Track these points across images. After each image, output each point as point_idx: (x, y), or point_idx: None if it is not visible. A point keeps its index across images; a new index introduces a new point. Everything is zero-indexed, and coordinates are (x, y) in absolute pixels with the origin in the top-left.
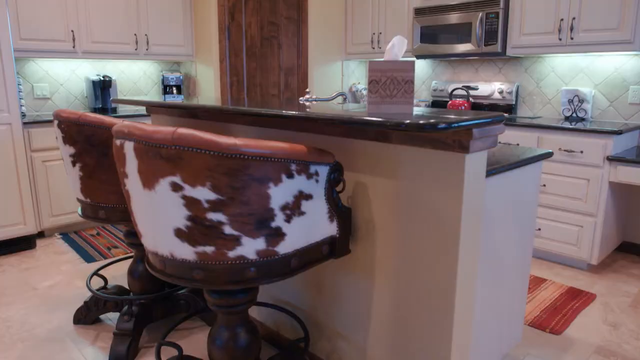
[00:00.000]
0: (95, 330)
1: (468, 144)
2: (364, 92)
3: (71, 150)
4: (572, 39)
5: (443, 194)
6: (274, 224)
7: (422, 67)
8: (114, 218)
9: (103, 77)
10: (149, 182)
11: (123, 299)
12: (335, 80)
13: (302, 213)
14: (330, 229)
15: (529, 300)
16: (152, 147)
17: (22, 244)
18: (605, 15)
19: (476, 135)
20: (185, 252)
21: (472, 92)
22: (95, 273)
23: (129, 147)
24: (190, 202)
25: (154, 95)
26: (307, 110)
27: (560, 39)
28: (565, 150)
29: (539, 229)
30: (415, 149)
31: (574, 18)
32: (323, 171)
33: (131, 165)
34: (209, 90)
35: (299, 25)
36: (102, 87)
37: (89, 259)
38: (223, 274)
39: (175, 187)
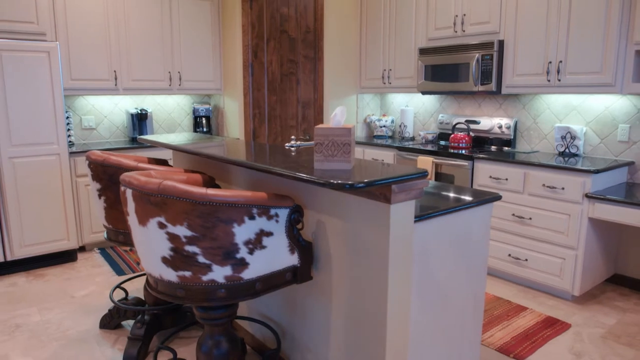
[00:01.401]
0: (116, 335)
1: (390, 197)
2: (378, 123)
3: (98, 185)
4: (559, 80)
5: (376, 235)
6: (238, 256)
7: (430, 101)
8: (129, 242)
9: (140, 110)
10: (142, 220)
11: (138, 309)
12: (351, 112)
13: (264, 247)
14: (291, 259)
15: (505, 326)
16: (144, 195)
17: (65, 257)
18: (590, 59)
19: (396, 190)
20: (170, 275)
21: (474, 126)
22: (118, 286)
23: (129, 193)
24: (172, 237)
25: (185, 125)
26: (267, 162)
27: (549, 80)
28: (548, 187)
29: (526, 260)
30: (357, 198)
31: (560, 61)
32: (283, 213)
33: (131, 206)
34: (234, 121)
35: (316, 63)
36: (139, 119)
37: (120, 272)
38: (199, 293)
39: (161, 225)
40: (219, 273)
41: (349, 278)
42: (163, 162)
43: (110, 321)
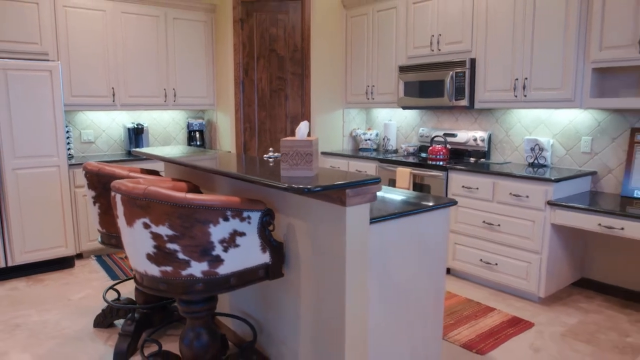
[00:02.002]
0: (109, 333)
1: (345, 200)
2: (363, 137)
3: (93, 193)
4: (525, 95)
5: (335, 235)
6: (214, 253)
7: (412, 115)
8: (121, 245)
9: (137, 124)
10: (130, 221)
11: (128, 307)
12: (337, 126)
13: (237, 245)
14: (263, 257)
15: (472, 325)
16: (131, 199)
17: (64, 263)
18: (552, 76)
19: (350, 194)
20: (154, 270)
21: (451, 139)
22: (111, 287)
23: (118, 198)
24: (156, 236)
25: (180, 139)
26: (242, 171)
27: (516, 96)
28: (514, 195)
29: (496, 264)
30: (319, 202)
31: (526, 78)
32: (255, 215)
33: (120, 210)
34: (226, 135)
35: (303, 80)
36: (136, 133)
37: (114, 277)
38: (179, 286)
39: (146, 226)
40: (197, 268)
41: (315, 275)
42: (154, 173)
43: (103, 320)
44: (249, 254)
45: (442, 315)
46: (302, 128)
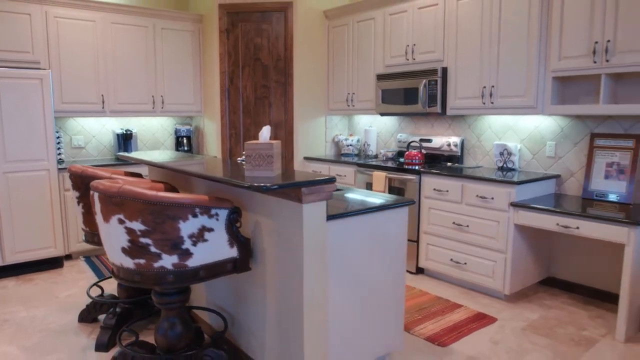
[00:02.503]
0: (92, 327)
1: (301, 198)
2: (345, 142)
3: (77, 193)
4: (492, 103)
5: (294, 231)
6: (184, 247)
7: (391, 122)
8: (101, 242)
9: (125, 130)
10: (106, 218)
11: (110, 302)
12: (320, 132)
13: (206, 240)
14: (231, 252)
15: (438, 321)
16: (107, 197)
17: (53, 263)
18: (516, 84)
19: (305, 192)
20: (128, 263)
21: (427, 144)
22: (95, 284)
23: (96, 196)
24: (130, 231)
25: (168, 145)
26: (211, 173)
27: (484, 103)
28: (481, 197)
29: (465, 263)
30: (280, 200)
31: (493, 86)
32: (223, 213)
33: (97, 207)
34: (213, 140)
35: (286, 88)
36: (125, 139)
37: (101, 277)
38: (151, 278)
39: (121, 221)
40: (168, 261)
41: (278, 269)
42: (137, 175)
43: (87, 315)
44: (217, 248)
45: (403, 307)
46: (265, 132)
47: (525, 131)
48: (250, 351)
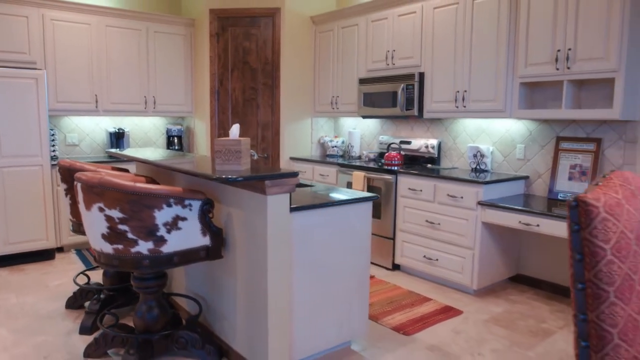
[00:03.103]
0: (78, 313)
1: (265, 190)
2: (330, 144)
3: (65, 186)
4: (465, 106)
5: (259, 221)
6: (159, 234)
7: (373, 124)
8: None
9: (118, 129)
10: (88, 206)
11: (95, 289)
12: (306, 134)
13: (179, 228)
14: (204, 240)
15: (406, 312)
16: (89, 187)
17: (45, 255)
18: (486, 89)
19: (269, 184)
20: (108, 248)
21: (407, 146)
22: (82, 273)
23: (79, 186)
24: (109, 218)
25: (160, 143)
26: (183, 166)
27: (457, 107)
28: (451, 196)
29: (437, 260)
30: (249, 192)
31: (465, 91)
32: (196, 203)
33: (80, 196)
34: (202, 140)
35: (273, 90)
36: (117, 137)
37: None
38: (129, 262)
39: (101, 210)
40: (144, 247)
41: (247, 257)
42: (125, 171)
43: (74, 302)
44: (190, 236)
45: (368, 297)
46: (234, 130)
47: (497, 134)
48: (223, 335)
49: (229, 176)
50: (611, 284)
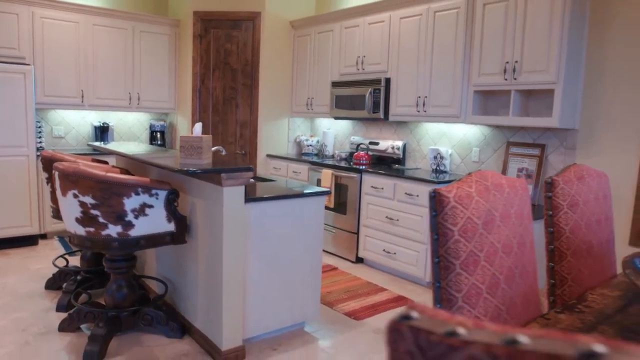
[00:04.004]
0: (56, 293)
1: (221, 182)
2: (306, 143)
3: (46, 175)
4: (425, 111)
5: (217, 210)
6: (127, 219)
7: (346, 125)
8: None
9: (103, 123)
10: (64, 193)
11: (73, 271)
12: (284, 133)
13: (146, 215)
14: (169, 226)
15: (361, 300)
16: (65, 175)
17: (29, 241)
18: (444, 96)
19: (225, 177)
20: (81, 231)
21: (375, 147)
22: (61, 256)
23: (57, 174)
24: (82, 204)
25: (143, 138)
26: (151, 159)
27: (418, 111)
28: (408, 194)
29: (395, 253)
30: (208, 184)
31: (426, 96)
32: (162, 193)
33: (57, 184)
34: None
35: (252, 90)
36: (102, 131)
37: (72, 254)
38: (100, 244)
39: (75, 196)
40: (113, 230)
41: (207, 243)
42: (104, 162)
43: (53, 283)
44: (156, 222)
45: (320, 283)
46: (197, 128)
47: (456, 138)
48: (187, 314)
49: (189, 169)
50: (457, 257)
